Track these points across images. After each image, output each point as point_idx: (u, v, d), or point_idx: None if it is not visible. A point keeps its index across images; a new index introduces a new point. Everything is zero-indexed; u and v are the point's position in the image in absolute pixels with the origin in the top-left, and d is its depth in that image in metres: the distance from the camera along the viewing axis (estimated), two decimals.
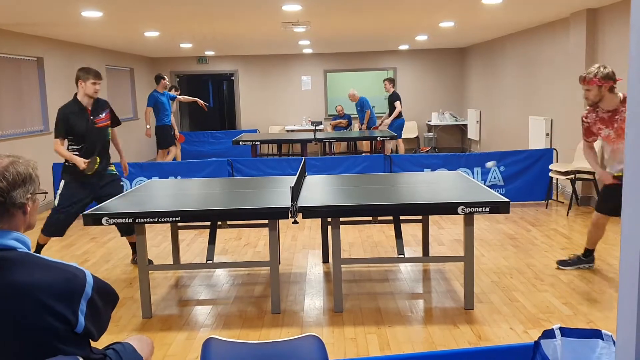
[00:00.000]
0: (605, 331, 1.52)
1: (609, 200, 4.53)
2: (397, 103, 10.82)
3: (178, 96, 10.33)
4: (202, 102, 10.27)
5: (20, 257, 1.76)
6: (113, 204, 4.14)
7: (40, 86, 8.56)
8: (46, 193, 1.98)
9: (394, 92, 11.08)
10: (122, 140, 5.51)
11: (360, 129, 11.77)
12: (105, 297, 1.90)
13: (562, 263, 4.94)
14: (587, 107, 4.50)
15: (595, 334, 1.53)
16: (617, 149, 4.37)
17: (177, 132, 10.12)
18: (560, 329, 1.54)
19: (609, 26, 6.88)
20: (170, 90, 10.36)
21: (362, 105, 11.53)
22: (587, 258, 4.86)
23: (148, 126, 9.55)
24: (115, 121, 5.18)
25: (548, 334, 1.54)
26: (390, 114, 10.98)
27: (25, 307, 1.69)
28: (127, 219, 3.83)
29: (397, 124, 10.96)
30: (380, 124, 11.30)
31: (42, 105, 8.57)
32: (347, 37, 10.39)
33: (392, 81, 11.16)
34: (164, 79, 9.72)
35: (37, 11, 6.31)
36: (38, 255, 1.81)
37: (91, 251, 5.92)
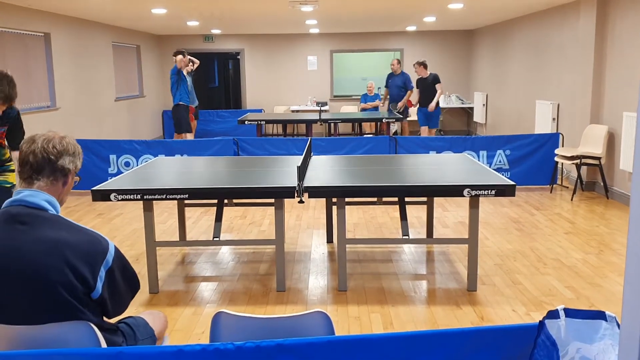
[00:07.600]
0: (609, 312, 1.56)
1: None
2: (438, 85, 9.76)
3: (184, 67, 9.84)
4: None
5: (50, 217, 1.89)
6: (121, 181, 4.18)
7: (47, 62, 8.55)
8: (80, 179, 2.11)
9: (430, 74, 9.89)
10: (129, 118, 5.40)
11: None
12: (125, 275, 1.97)
13: None
14: None
15: (599, 315, 1.56)
16: None
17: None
18: (565, 309, 1.57)
19: (620, 10, 6.82)
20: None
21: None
22: None
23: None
24: (11, 138, 4.26)
25: (552, 314, 1.57)
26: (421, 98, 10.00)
27: (50, 261, 1.80)
28: (135, 195, 3.87)
29: (438, 112, 10.07)
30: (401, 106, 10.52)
31: (49, 81, 8.57)
32: (355, 17, 10.31)
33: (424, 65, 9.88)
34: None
35: None
36: (67, 218, 1.92)
37: (98, 227, 5.98)
